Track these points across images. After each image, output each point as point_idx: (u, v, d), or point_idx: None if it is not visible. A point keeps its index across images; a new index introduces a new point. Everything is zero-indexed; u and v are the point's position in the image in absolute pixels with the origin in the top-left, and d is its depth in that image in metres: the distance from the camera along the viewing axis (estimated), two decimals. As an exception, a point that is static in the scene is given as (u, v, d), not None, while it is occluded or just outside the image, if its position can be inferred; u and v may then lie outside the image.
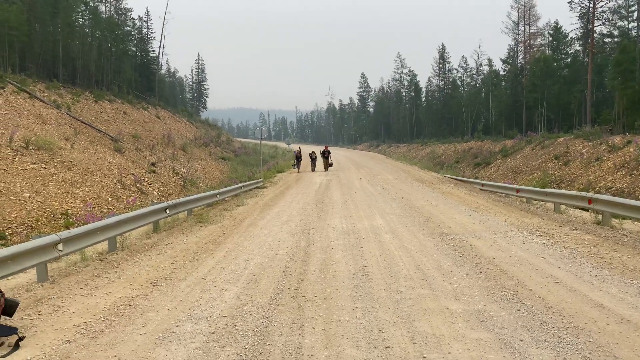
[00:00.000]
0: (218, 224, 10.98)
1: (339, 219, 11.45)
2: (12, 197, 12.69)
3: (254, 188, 20.47)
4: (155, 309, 5.15)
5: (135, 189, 20.10)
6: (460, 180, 23.55)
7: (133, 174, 21.30)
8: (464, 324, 4.56)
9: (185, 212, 12.14)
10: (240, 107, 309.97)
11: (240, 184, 18.57)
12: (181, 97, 77.06)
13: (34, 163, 15.73)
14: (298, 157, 31.64)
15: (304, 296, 5.46)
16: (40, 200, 13.63)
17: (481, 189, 18.93)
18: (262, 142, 29.76)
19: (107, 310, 5.16)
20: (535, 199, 13.86)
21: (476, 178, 27.32)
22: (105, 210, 16.17)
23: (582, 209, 12.02)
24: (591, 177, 21.71)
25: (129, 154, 25.02)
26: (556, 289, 5.59)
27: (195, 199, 12.39)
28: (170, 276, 6.47)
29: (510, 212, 12.03)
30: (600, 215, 9.90)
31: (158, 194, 21.52)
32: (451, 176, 25.87)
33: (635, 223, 10.01)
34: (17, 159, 15.33)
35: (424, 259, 7.23)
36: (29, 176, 14.60)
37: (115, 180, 19.15)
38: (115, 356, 4.02)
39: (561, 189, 21.48)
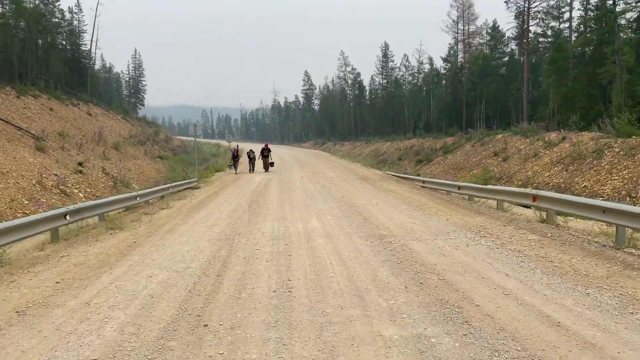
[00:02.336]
0: (132, 230, 9.65)
1: (271, 222, 10.41)
2: None
3: (186, 188, 19.06)
4: (2, 352, 3.92)
5: (58, 190, 18.27)
6: (402, 177, 23.12)
7: (56, 175, 19.40)
8: (400, 357, 3.66)
9: (97, 218, 10.70)
10: (182, 104, 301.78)
11: (168, 185, 17.10)
12: (117, 94, 73.36)
13: None
14: (235, 157, 29.14)
15: (207, 325, 4.38)
16: None
17: (423, 186, 18.45)
18: (205, 140, 28.25)
19: (-62, 356, 3.89)
20: (477, 196, 13.40)
21: (418, 175, 27.05)
22: (19, 214, 14.45)
23: (525, 206, 11.61)
24: (529, 173, 21.82)
25: (53, 153, 22.88)
26: (506, 303, 4.82)
27: (107, 203, 10.92)
28: (46, 301, 5.20)
29: (452, 211, 11.43)
30: (545, 213, 9.41)
31: (84, 195, 19.72)
32: (393, 173, 25.42)
33: (579, 221, 9.60)
34: None
35: (359, 268, 6.33)
36: None
37: (34, 182, 17.29)
38: None
39: (502, 185, 21.46)
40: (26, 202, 15.57)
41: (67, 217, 8.63)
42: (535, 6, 41.45)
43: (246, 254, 7.34)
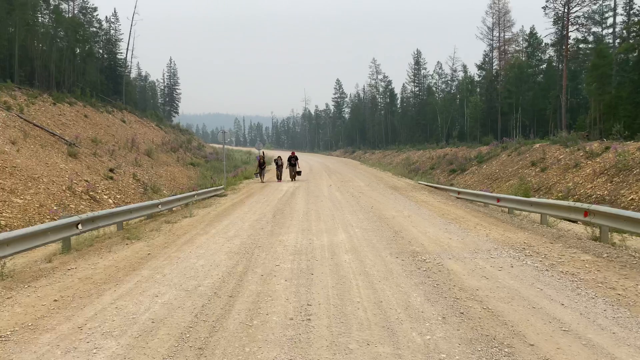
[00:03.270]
0: (148, 240, 9.14)
1: (295, 234, 9.76)
2: None
3: (213, 196, 18.64)
4: (-29, 390, 3.37)
5: (88, 196, 18.17)
6: (435, 187, 22.14)
7: (87, 181, 19.35)
8: (440, 416, 2.92)
9: (115, 226, 10.27)
10: (216, 113, 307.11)
11: (193, 192, 16.68)
12: (152, 102, 74.56)
13: (-37, 168, 13.70)
14: (261, 164, 27.30)
15: (208, 362, 3.74)
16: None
17: (457, 197, 17.49)
18: (237, 147, 27.77)
19: None
20: (518, 209, 12.42)
21: (451, 185, 26.01)
22: (47, 220, 14.30)
23: (572, 220, 10.62)
24: (570, 184, 20.58)
25: (85, 159, 22.95)
26: (567, 342, 4.00)
27: (124, 211, 10.46)
28: (37, 323, 4.66)
29: (491, 225, 10.53)
30: (598, 230, 8.44)
31: (113, 201, 19.60)
32: (426, 183, 24.44)
33: (635, 238, 8.59)
34: None
35: (389, 291, 5.58)
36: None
37: (64, 187, 17.22)
38: None
39: (540, 196, 20.28)
40: (55, 208, 15.43)
41: (80, 226, 8.17)
42: (575, 11, 39.86)
43: (264, 270, 6.68)
